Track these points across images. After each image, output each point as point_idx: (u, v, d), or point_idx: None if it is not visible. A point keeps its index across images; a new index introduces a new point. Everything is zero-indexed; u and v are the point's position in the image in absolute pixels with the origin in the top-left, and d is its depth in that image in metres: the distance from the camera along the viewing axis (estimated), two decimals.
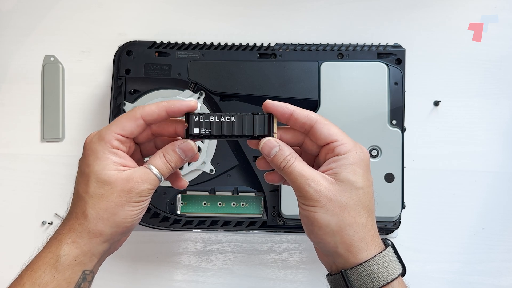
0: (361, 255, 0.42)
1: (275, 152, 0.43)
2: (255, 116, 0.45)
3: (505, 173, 0.73)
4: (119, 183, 0.42)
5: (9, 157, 0.75)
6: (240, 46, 0.69)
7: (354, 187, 0.42)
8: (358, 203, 0.43)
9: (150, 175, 0.43)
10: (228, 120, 0.44)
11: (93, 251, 0.43)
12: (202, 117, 0.44)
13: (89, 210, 0.42)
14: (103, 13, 0.78)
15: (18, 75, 0.77)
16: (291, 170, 0.43)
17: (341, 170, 0.42)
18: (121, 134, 0.43)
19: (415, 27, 0.76)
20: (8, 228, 0.74)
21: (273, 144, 0.44)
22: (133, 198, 0.42)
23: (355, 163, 0.43)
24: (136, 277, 0.72)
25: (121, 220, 0.43)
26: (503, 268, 0.71)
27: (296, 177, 0.43)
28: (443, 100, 0.74)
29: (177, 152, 0.44)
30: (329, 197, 0.42)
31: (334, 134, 0.44)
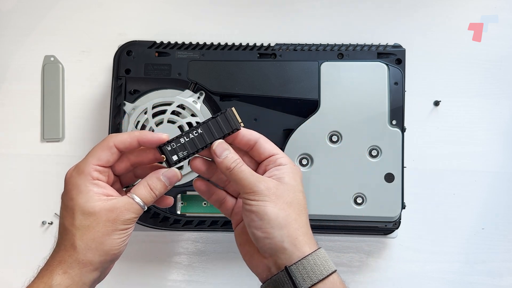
0: (305, 249, 0.45)
1: (226, 154, 0.46)
2: (217, 118, 0.47)
3: (505, 173, 0.73)
4: (104, 214, 0.44)
5: (9, 157, 0.75)
6: (240, 46, 0.69)
7: (296, 190, 0.47)
8: (300, 203, 0.47)
9: (133, 205, 0.45)
10: (197, 133, 0.47)
11: (84, 280, 0.44)
12: (174, 144, 0.47)
13: (78, 242, 0.44)
14: (103, 13, 0.78)
15: (18, 75, 0.77)
16: (242, 170, 0.46)
17: (285, 175, 0.47)
18: (98, 164, 0.45)
19: (415, 27, 0.76)
20: (8, 228, 0.74)
21: (226, 146, 0.47)
22: (118, 227, 0.44)
23: (294, 172, 0.48)
24: (136, 277, 0.72)
25: (109, 248, 0.44)
26: (503, 268, 0.71)
27: (247, 175, 0.46)
28: (443, 100, 0.74)
29: (162, 179, 0.47)
30: (278, 194, 0.46)
31: (275, 149, 0.49)
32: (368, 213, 0.63)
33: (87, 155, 0.46)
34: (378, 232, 0.70)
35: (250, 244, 0.48)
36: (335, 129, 0.64)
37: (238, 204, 0.51)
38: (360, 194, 0.63)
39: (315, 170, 0.64)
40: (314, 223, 0.65)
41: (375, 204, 0.63)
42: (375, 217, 0.64)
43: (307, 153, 0.64)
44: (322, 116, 0.65)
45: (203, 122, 0.47)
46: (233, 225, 0.51)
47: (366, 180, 0.63)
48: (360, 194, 0.63)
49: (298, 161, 0.64)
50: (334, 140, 0.64)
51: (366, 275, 0.72)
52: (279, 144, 0.66)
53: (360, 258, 0.72)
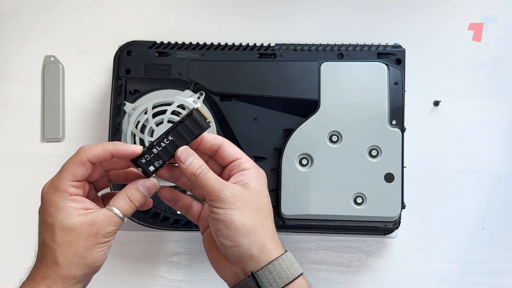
0: (271, 254, 0.46)
1: (191, 160, 0.46)
2: (185, 122, 0.47)
3: (505, 173, 0.73)
4: (85, 228, 0.44)
5: (9, 157, 0.75)
6: (240, 46, 0.69)
7: (261, 195, 0.47)
8: (266, 208, 0.47)
9: (113, 218, 0.45)
10: (168, 141, 0.47)
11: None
12: (148, 156, 0.47)
13: (60, 258, 0.44)
14: (103, 13, 0.78)
15: (18, 75, 0.77)
16: (207, 176, 0.46)
17: (250, 181, 0.47)
18: (73, 180, 0.45)
19: (415, 27, 0.76)
20: (8, 228, 0.74)
21: (190, 152, 0.47)
22: (100, 240, 0.45)
23: (259, 177, 0.48)
24: (136, 276, 0.72)
25: (91, 262, 0.45)
26: (503, 268, 0.71)
27: (213, 181, 0.46)
28: (443, 100, 0.74)
29: (140, 190, 0.47)
30: (244, 201, 0.46)
31: (239, 153, 0.49)
32: (368, 213, 0.63)
33: (60, 170, 0.46)
34: (378, 232, 0.70)
35: (218, 250, 0.48)
36: (335, 129, 0.64)
37: (205, 209, 0.51)
38: (360, 194, 0.63)
39: (315, 170, 0.64)
40: (314, 223, 0.65)
41: (375, 204, 0.63)
42: (375, 217, 0.64)
43: (307, 153, 0.64)
44: (322, 116, 0.65)
45: (172, 128, 0.47)
46: (201, 230, 0.51)
47: (366, 180, 0.63)
48: (360, 194, 0.63)
49: (298, 161, 0.64)
50: (334, 140, 0.64)
51: (366, 275, 0.72)
52: (279, 144, 0.66)
53: (360, 258, 0.72)
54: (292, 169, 0.64)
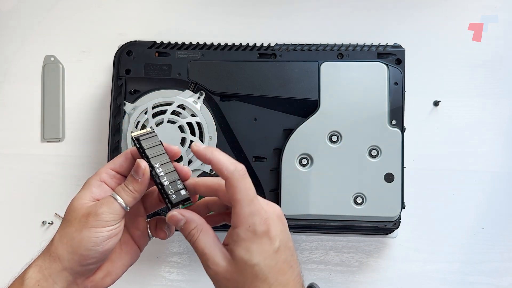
0: None
1: (181, 225, 0.44)
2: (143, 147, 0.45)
3: (505, 173, 0.73)
4: (83, 210, 0.43)
5: (9, 157, 0.75)
6: (240, 46, 0.69)
7: (248, 265, 0.41)
8: (255, 279, 0.41)
9: (109, 199, 0.44)
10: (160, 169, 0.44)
11: (54, 277, 0.43)
12: (171, 191, 0.44)
13: (56, 235, 0.44)
14: (103, 13, 0.78)
15: (18, 75, 0.77)
16: (196, 246, 0.43)
17: (235, 248, 0.42)
18: (111, 168, 0.45)
19: (415, 27, 0.76)
20: (8, 228, 0.74)
21: (178, 218, 0.44)
22: (90, 222, 0.42)
23: (248, 238, 0.41)
24: (136, 276, 0.72)
25: (77, 246, 0.42)
26: (503, 268, 0.71)
27: (199, 254, 0.43)
28: (443, 100, 0.74)
29: (131, 175, 0.44)
30: (227, 278, 0.42)
31: (235, 200, 0.42)
32: (368, 213, 0.63)
33: None
34: (378, 232, 0.70)
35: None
36: (335, 129, 0.64)
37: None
38: (360, 194, 0.63)
39: (315, 170, 0.64)
40: (314, 223, 0.65)
41: (375, 204, 0.63)
42: (375, 217, 0.64)
43: (307, 153, 0.64)
44: (322, 116, 0.65)
45: (148, 162, 0.44)
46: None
47: (366, 180, 0.63)
48: (360, 194, 0.63)
49: (298, 161, 0.64)
50: (334, 140, 0.64)
51: (366, 275, 0.72)
52: (279, 144, 0.66)
53: (360, 258, 0.72)
54: (292, 169, 0.64)
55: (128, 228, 0.47)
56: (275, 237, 0.42)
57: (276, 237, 0.42)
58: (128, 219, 0.47)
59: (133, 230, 0.48)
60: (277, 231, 0.42)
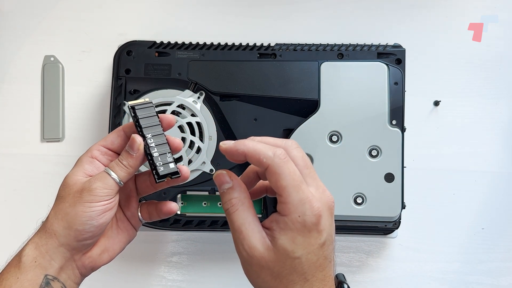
0: None
1: (224, 188, 0.41)
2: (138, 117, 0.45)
3: (505, 173, 0.73)
4: (77, 186, 0.43)
5: (9, 157, 0.75)
6: (240, 46, 0.69)
7: (290, 257, 0.38)
8: (293, 272, 0.39)
9: (103, 174, 0.43)
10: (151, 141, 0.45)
11: (51, 254, 0.43)
12: (160, 163, 0.44)
13: (51, 212, 0.44)
14: (103, 13, 0.78)
15: (18, 75, 0.77)
16: (232, 218, 0.40)
17: (279, 236, 0.38)
18: (102, 145, 0.46)
19: (415, 27, 0.76)
20: (8, 228, 0.74)
21: (224, 179, 0.41)
22: (84, 197, 0.42)
23: (296, 229, 0.38)
24: (136, 276, 0.72)
25: (71, 221, 0.43)
26: (503, 268, 0.71)
27: (235, 229, 0.40)
28: (443, 100, 0.74)
29: (125, 150, 0.44)
30: (261, 264, 0.39)
31: (281, 187, 0.38)
32: (368, 213, 0.63)
33: None
34: (378, 232, 0.70)
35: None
36: (335, 129, 0.64)
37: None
38: (360, 194, 0.63)
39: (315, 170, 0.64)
40: None
41: (375, 204, 0.63)
42: (375, 217, 0.64)
43: (307, 153, 0.64)
44: (322, 116, 0.65)
45: (140, 130, 0.44)
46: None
47: (366, 180, 0.63)
48: (360, 194, 0.63)
49: None
50: (334, 140, 0.64)
51: (366, 275, 0.72)
52: None
53: (360, 258, 0.72)
54: None
55: (121, 207, 0.48)
56: (323, 231, 0.39)
57: (324, 231, 0.39)
58: (121, 198, 0.47)
59: (125, 210, 0.48)
60: (326, 225, 0.39)
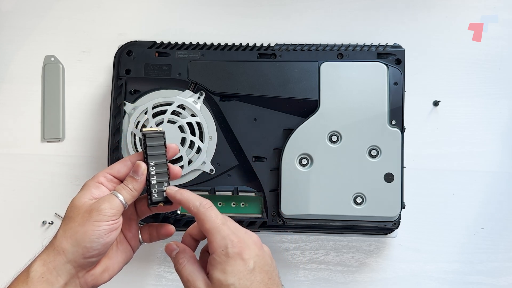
0: None
1: (174, 254, 0.49)
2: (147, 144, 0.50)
3: (504, 173, 0.73)
4: (85, 207, 0.47)
5: (9, 157, 0.75)
6: (240, 46, 0.69)
7: (224, 285, 0.44)
8: None
9: (110, 196, 0.47)
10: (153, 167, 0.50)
11: (58, 270, 0.46)
12: (155, 190, 0.49)
13: (59, 231, 0.47)
14: (103, 13, 0.78)
15: (18, 75, 0.77)
16: (182, 273, 0.47)
17: (213, 271, 0.45)
18: (108, 172, 0.49)
19: (415, 27, 0.76)
20: (8, 228, 0.74)
21: (173, 247, 0.50)
22: (93, 217, 0.46)
23: (222, 261, 0.45)
24: (136, 276, 0.72)
25: (80, 239, 0.45)
26: (503, 268, 0.72)
27: (184, 281, 0.47)
28: (443, 100, 0.74)
29: (130, 175, 0.49)
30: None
31: (206, 231, 0.47)
32: (367, 213, 0.63)
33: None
34: (378, 232, 0.70)
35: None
36: (335, 129, 0.64)
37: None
38: (360, 194, 0.64)
39: (315, 170, 0.64)
40: (314, 223, 0.65)
41: (375, 204, 0.63)
42: (374, 217, 0.64)
43: (307, 153, 0.64)
44: (322, 116, 0.65)
45: (146, 157, 0.49)
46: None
47: (365, 180, 0.63)
48: (359, 194, 0.64)
49: (298, 161, 0.64)
50: (334, 140, 0.64)
51: (366, 275, 0.72)
52: (279, 144, 0.66)
53: (359, 258, 0.72)
54: (292, 169, 0.64)
55: (122, 229, 0.51)
56: (249, 259, 0.45)
57: (250, 259, 0.45)
58: (123, 221, 0.50)
59: (126, 232, 0.52)
60: (251, 254, 0.46)
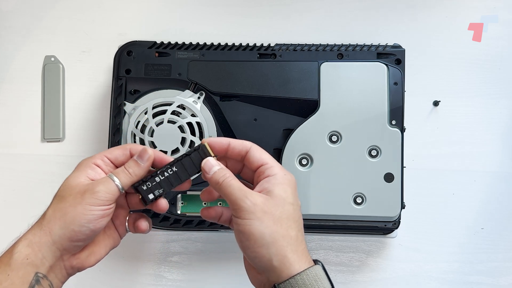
0: (294, 268, 0.44)
1: (215, 170, 0.47)
2: (191, 156, 0.48)
3: (504, 173, 0.73)
4: (79, 187, 0.45)
5: (9, 157, 0.75)
6: (240, 46, 0.69)
7: (286, 202, 0.46)
8: (289, 217, 0.46)
9: (107, 179, 0.46)
10: (171, 171, 0.48)
11: (43, 253, 0.44)
12: (149, 183, 0.48)
13: (49, 210, 0.45)
14: (103, 13, 0.78)
15: (18, 75, 0.77)
16: (230, 184, 0.46)
17: (274, 188, 0.46)
18: (106, 156, 0.48)
19: (415, 27, 0.76)
20: (8, 228, 0.74)
21: (213, 163, 0.48)
22: (86, 199, 0.44)
23: (285, 183, 0.47)
24: (136, 276, 0.72)
25: (70, 221, 0.44)
26: (503, 268, 0.72)
27: (234, 190, 0.45)
28: (443, 100, 0.74)
29: (134, 159, 0.47)
30: (264, 210, 0.44)
31: (265, 159, 0.48)
32: (367, 213, 0.63)
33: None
34: (378, 232, 0.70)
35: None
36: (335, 129, 0.64)
37: None
38: (360, 194, 0.64)
39: (315, 170, 0.64)
40: (314, 223, 0.65)
41: (375, 204, 0.63)
42: (374, 217, 0.64)
43: (307, 153, 0.64)
44: (322, 116, 0.65)
45: (177, 160, 0.48)
46: None
47: (365, 180, 0.63)
48: (359, 194, 0.64)
49: (298, 161, 0.64)
50: (334, 140, 0.64)
51: (366, 275, 0.72)
52: (279, 144, 0.66)
53: (359, 258, 0.72)
54: (292, 169, 0.64)
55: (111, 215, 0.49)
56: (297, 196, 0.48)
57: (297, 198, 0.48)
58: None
59: (114, 219, 0.50)
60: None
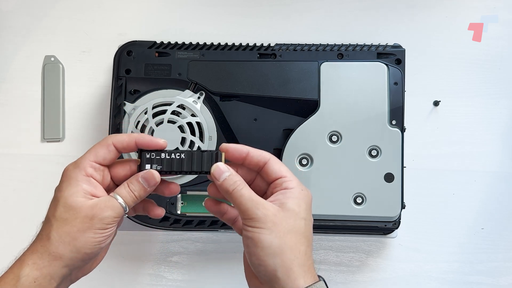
0: (299, 282, 0.43)
1: (225, 176, 0.46)
2: (204, 153, 0.47)
3: (504, 173, 0.73)
4: (84, 210, 0.44)
5: (9, 157, 0.75)
6: (240, 46, 0.69)
7: (298, 217, 0.45)
8: (300, 231, 0.45)
9: (114, 203, 0.45)
10: (178, 157, 0.47)
11: (53, 275, 0.44)
12: (154, 154, 0.47)
13: (53, 233, 0.44)
14: (103, 13, 0.78)
15: (18, 75, 0.77)
16: (241, 194, 0.45)
17: (288, 201, 0.45)
18: (94, 161, 0.46)
19: (415, 27, 0.76)
20: (8, 228, 0.74)
21: (224, 169, 0.46)
22: (95, 225, 0.44)
23: (300, 197, 0.46)
24: (136, 276, 0.72)
25: (81, 246, 0.43)
26: (503, 268, 0.72)
27: (246, 200, 0.45)
28: (443, 100, 0.74)
29: (140, 181, 0.46)
30: (275, 222, 0.44)
31: (284, 171, 0.47)
32: (367, 213, 0.63)
33: (86, 152, 0.46)
34: (378, 232, 0.70)
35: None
36: (335, 129, 0.64)
37: None
38: (360, 194, 0.64)
39: (315, 170, 0.64)
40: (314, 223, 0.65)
41: (375, 204, 0.63)
42: (374, 217, 0.64)
43: (307, 153, 0.64)
44: (322, 116, 0.65)
45: (189, 149, 0.47)
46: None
47: (366, 180, 0.63)
48: (360, 194, 0.64)
49: (298, 161, 0.64)
50: (334, 140, 0.64)
51: (366, 275, 0.72)
52: (279, 144, 0.66)
53: (359, 258, 0.72)
54: (292, 169, 0.64)
55: None
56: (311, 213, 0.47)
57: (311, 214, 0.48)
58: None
59: None
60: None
